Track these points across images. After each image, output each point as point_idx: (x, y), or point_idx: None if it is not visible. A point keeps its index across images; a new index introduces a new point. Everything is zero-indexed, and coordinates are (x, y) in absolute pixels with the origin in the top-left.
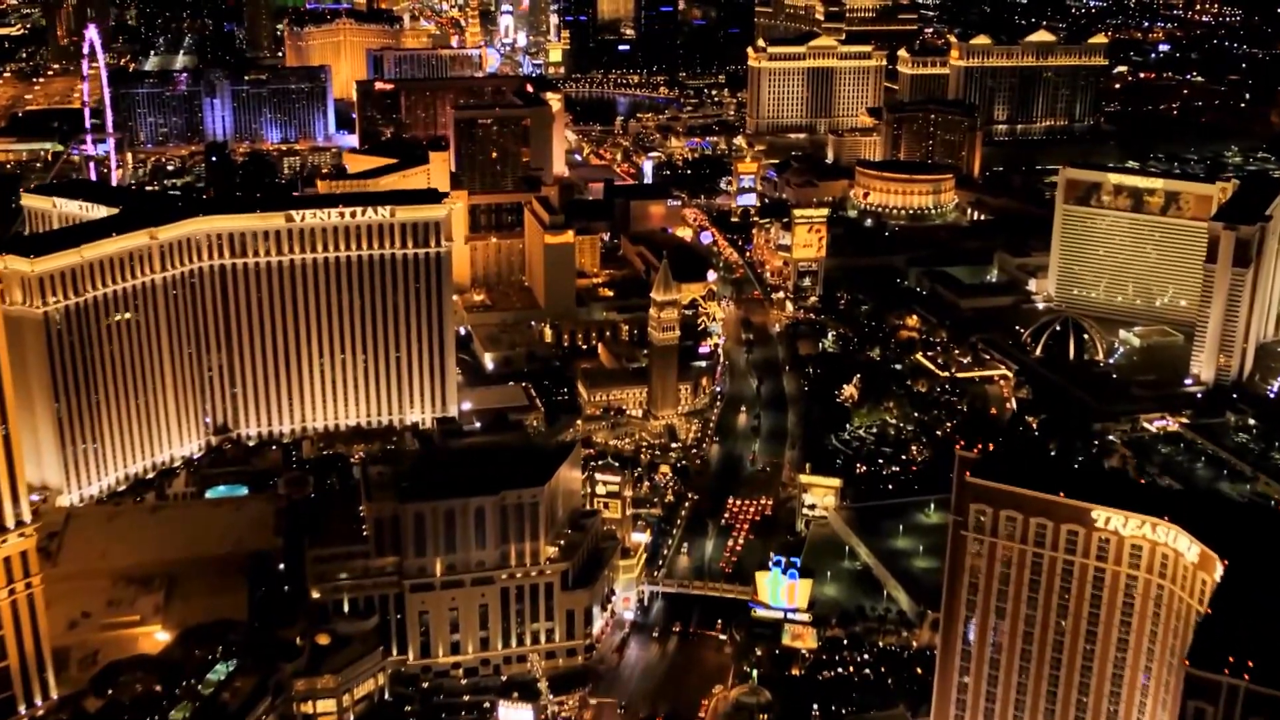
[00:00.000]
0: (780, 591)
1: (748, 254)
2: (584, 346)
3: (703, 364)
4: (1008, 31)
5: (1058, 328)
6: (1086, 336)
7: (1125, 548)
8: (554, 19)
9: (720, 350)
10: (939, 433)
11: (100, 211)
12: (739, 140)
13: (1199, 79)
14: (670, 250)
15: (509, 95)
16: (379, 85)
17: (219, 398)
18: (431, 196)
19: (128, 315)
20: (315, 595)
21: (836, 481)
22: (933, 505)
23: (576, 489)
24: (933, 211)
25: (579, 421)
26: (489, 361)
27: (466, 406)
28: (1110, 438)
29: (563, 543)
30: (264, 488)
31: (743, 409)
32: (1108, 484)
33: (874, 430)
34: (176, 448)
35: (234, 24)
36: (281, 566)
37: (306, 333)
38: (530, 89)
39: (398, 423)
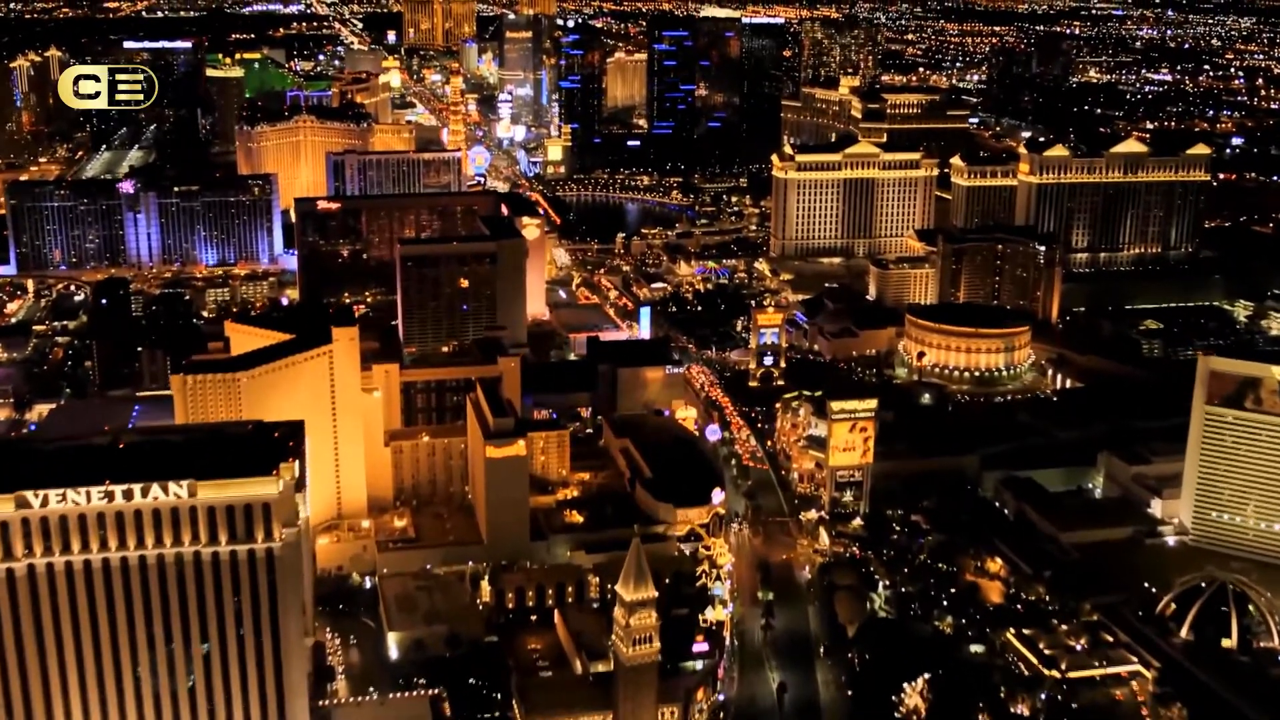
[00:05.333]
0: None
1: (769, 443)
2: (534, 616)
3: (698, 664)
4: (1054, 120)
5: (1204, 585)
6: (1252, 608)
7: None
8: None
9: (727, 625)
10: None
11: None
12: (761, 264)
13: None
14: (667, 447)
15: (478, 220)
16: (321, 205)
17: None
18: (263, 458)
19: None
20: None
21: None
22: None
23: None
24: (1004, 374)
25: None
26: (394, 645)
27: None
28: None
29: None
30: None
31: None
32: None
33: None
34: None
35: (203, 112)
36: None
37: (60, 673)
38: (505, 210)
39: None
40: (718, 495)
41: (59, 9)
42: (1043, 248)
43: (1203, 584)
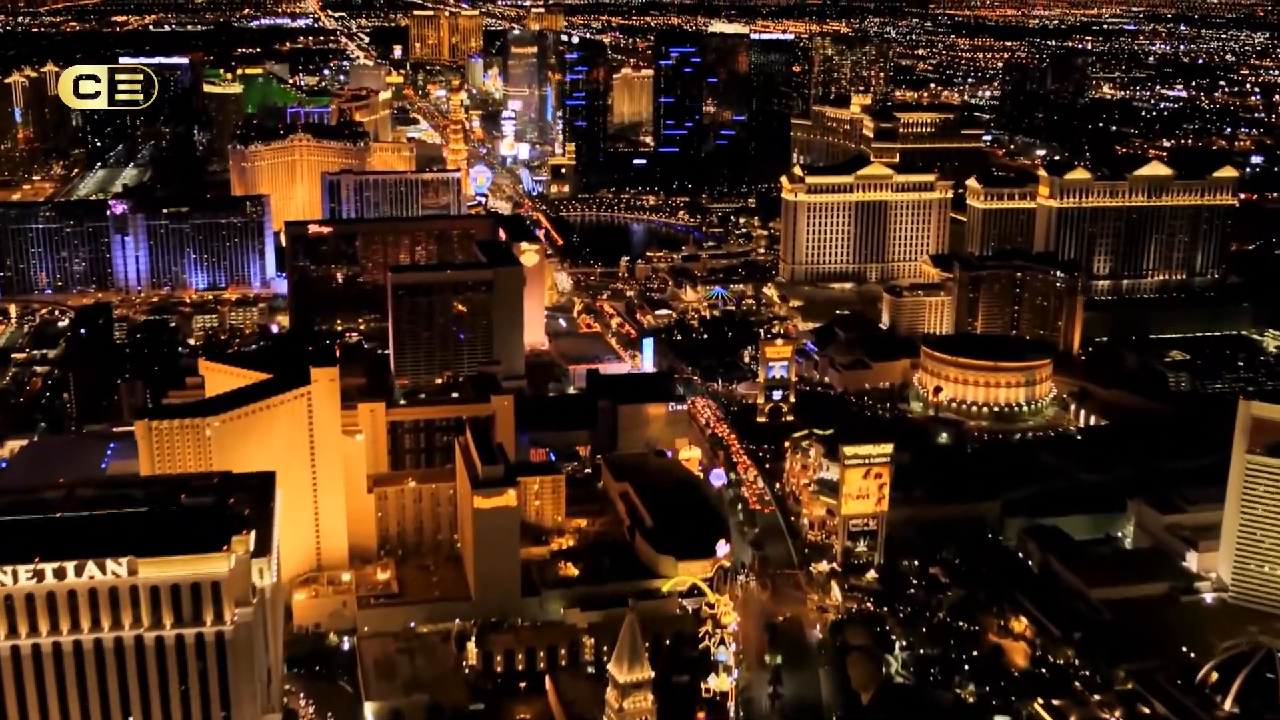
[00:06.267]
0: None
1: (778, 484)
2: (524, 683)
3: None
4: (1069, 137)
5: (1249, 651)
6: None
7: None
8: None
9: (731, 694)
10: None
11: None
12: (769, 290)
13: None
14: (669, 492)
15: (474, 244)
16: (312, 229)
17: None
18: (214, 530)
19: None
20: None
21: None
22: None
23: None
24: (1025, 409)
25: None
26: (371, 716)
27: None
28: None
29: None
30: None
31: None
32: None
33: None
34: None
35: (200, 129)
36: None
37: None
38: (504, 235)
39: None
40: (722, 548)
41: (66, 23)
42: (1063, 275)
43: (1247, 649)
